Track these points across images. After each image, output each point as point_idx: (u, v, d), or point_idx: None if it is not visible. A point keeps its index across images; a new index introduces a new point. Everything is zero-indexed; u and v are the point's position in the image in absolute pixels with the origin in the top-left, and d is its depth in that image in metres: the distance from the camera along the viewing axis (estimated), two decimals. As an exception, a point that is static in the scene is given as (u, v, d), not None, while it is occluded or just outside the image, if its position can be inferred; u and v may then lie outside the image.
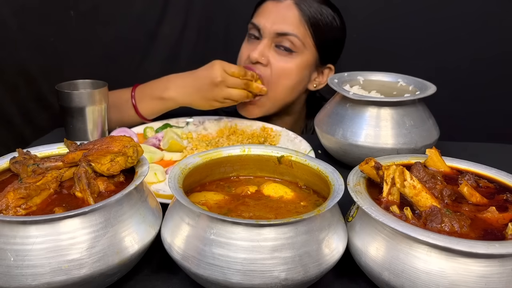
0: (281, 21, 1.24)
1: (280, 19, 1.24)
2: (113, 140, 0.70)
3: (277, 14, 1.24)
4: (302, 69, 1.28)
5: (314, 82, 1.35)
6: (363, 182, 0.69)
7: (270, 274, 0.56)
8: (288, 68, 1.26)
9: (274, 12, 1.25)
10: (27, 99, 1.36)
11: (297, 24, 1.24)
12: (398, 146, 0.96)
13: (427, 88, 1.02)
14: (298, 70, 1.27)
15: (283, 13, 1.24)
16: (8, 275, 0.54)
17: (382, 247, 0.60)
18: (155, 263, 0.70)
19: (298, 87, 1.32)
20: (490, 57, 1.64)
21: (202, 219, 0.58)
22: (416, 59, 1.63)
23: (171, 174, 0.66)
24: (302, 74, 1.29)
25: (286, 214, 0.66)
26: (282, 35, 1.23)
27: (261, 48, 1.24)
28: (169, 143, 1.08)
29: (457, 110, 1.66)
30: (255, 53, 1.24)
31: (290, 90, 1.29)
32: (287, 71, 1.26)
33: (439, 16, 1.62)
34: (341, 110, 1.02)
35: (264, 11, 1.27)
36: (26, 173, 0.65)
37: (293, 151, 0.77)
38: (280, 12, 1.24)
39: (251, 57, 1.24)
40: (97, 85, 1.12)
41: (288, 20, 1.23)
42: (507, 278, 0.54)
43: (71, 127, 1.08)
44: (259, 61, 1.24)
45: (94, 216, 0.58)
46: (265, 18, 1.25)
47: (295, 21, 1.24)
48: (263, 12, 1.27)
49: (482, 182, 0.72)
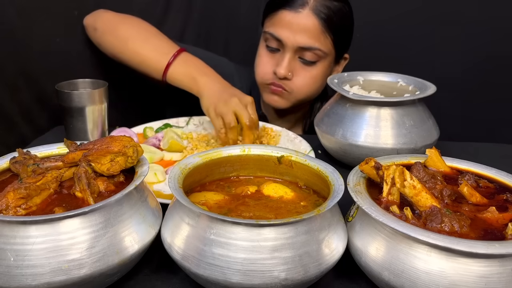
0: (303, 33, 1.21)
1: (301, 31, 1.21)
2: (113, 140, 0.70)
3: (298, 26, 1.21)
4: (326, 72, 1.31)
5: (333, 73, 1.37)
6: (363, 182, 0.69)
7: (270, 274, 0.56)
8: (313, 76, 1.29)
9: (295, 23, 1.21)
10: (27, 99, 1.36)
11: (318, 35, 1.22)
12: (398, 146, 0.96)
13: (427, 88, 1.02)
14: (322, 75, 1.30)
15: (304, 25, 1.21)
16: (8, 275, 0.54)
17: (382, 247, 0.60)
18: (155, 263, 0.70)
19: (322, 86, 1.36)
20: (490, 57, 1.64)
21: (202, 219, 0.58)
22: (416, 59, 1.63)
23: (171, 174, 0.66)
24: (325, 76, 1.32)
25: (286, 214, 0.66)
26: (305, 49, 1.23)
27: (286, 63, 1.24)
28: (169, 143, 1.08)
29: (457, 110, 1.67)
30: (281, 70, 1.24)
31: (315, 91, 1.35)
32: (312, 80, 1.29)
33: (439, 16, 1.62)
34: (341, 110, 1.02)
35: (282, 21, 1.23)
36: (26, 173, 0.65)
37: (293, 151, 0.77)
38: (301, 24, 1.21)
39: (279, 73, 1.25)
40: (97, 85, 1.12)
41: (310, 33, 1.21)
42: (507, 278, 0.54)
43: (71, 127, 1.08)
44: (287, 77, 1.26)
45: (94, 216, 0.58)
46: (286, 30, 1.22)
47: (317, 32, 1.22)
48: (281, 23, 1.23)
49: (482, 182, 0.72)
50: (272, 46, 1.27)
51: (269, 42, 1.28)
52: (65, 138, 0.84)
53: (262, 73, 1.32)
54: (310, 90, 1.31)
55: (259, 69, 1.33)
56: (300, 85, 1.29)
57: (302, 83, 1.28)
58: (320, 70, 1.29)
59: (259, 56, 1.33)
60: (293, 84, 1.28)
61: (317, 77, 1.29)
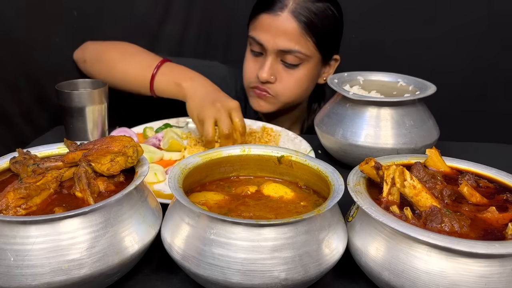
0: (282, 36, 1.21)
1: (280, 34, 1.21)
2: (113, 140, 0.70)
3: (277, 29, 1.21)
4: (311, 74, 1.30)
5: (323, 76, 1.37)
6: (363, 182, 0.69)
7: (270, 274, 0.56)
8: (297, 79, 1.28)
9: (274, 27, 1.21)
10: (27, 99, 1.36)
11: (298, 38, 1.22)
12: (398, 146, 0.96)
13: (427, 88, 1.02)
14: (307, 77, 1.29)
15: (283, 28, 1.21)
16: (8, 275, 0.54)
17: (382, 247, 0.60)
18: (155, 263, 0.70)
19: (310, 88, 1.35)
20: (490, 57, 1.64)
21: (202, 219, 0.58)
22: (416, 59, 1.63)
23: (171, 174, 0.66)
24: (311, 77, 1.31)
25: (286, 214, 0.66)
26: (286, 52, 1.23)
27: (268, 67, 1.24)
28: (169, 143, 1.08)
29: (457, 110, 1.67)
30: (263, 74, 1.24)
31: (302, 94, 1.34)
32: (297, 82, 1.28)
33: (439, 16, 1.62)
34: (341, 110, 1.02)
35: (262, 25, 1.24)
36: (26, 173, 0.65)
37: (293, 151, 0.77)
38: (280, 27, 1.21)
39: (261, 77, 1.25)
40: (97, 84, 1.12)
41: (289, 36, 1.21)
42: (507, 278, 0.54)
43: (71, 127, 1.08)
44: (269, 80, 1.26)
45: (94, 216, 0.58)
46: (266, 34, 1.23)
47: (296, 35, 1.21)
48: (262, 27, 1.24)
49: (482, 182, 0.72)
50: (256, 50, 1.28)
51: (253, 46, 1.28)
52: (65, 138, 0.84)
53: (247, 77, 1.32)
54: (295, 93, 1.30)
55: (244, 74, 1.33)
56: (283, 89, 1.28)
57: (286, 86, 1.28)
58: (303, 73, 1.28)
59: (245, 60, 1.33)
60: (277, 88, 1.28)
61: (301, 80, 1.28)
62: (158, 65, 1.21)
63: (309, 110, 1.46)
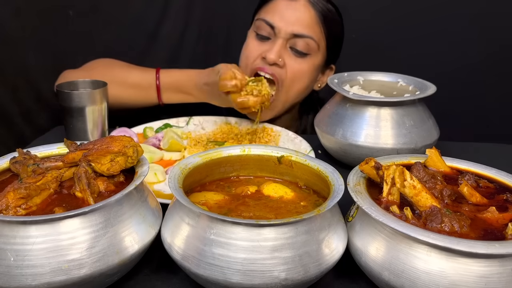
0: (298, 21, 1.20)
1: (296, 19, 1.20)
2: (113, 140, 0.70)
3: (293, 13, 1.20)
4: (314, 71, 1.28)
5: (318, 83, 1.35)
6: (363, 182, 0.69)
7: (270, 274, 0.56)
8: (303, 70, 1.25)
9: (290, 11, 1.20)
10: (27, 99, 1.37)
11: (313, 26, 1.21)
12: (398, 146, 0.96)
13: (427, 88, 1.02)
14: (311, 73, 1.27)
15: (300, 13, 1.20)
16: (8, 275, 0.54)
17: (382, 247, 0.60)
18: (155, 263, 0.70)
19: (309, 89, 1.32)
20: (490, 57, 1.64)
21: (202, 219, 0.58)
22: (416, 59, 1.63)
23: (171, 174, 0.66)
24: (313, 76, 1.29)
25: (286, 214, 0.66)
26: (299, 37, 1.20)
27: (277, 49, 1.20)
28: (169, 143, 1.08)
29: (457, 110, 1.67)
30: (272, 54, 1.19)
31: (302, 93, 1.30)
32: (302, 74, 1.25)
33: (439, 16, 1.62)
34: (341, 110, 1.02)
35: (277, 9, 1.22)
36: (26, 173, 0.65)
37: (293, 151, 0.77)
38: (296, 12, 1.20)
39: (268, 58, 1.20)
40: (97, 85, 1.12)
41: (305, 21, 1.20)
42: (507, 278, 0.54)
43: (71, 127, 1.08)
44: (277, 62, 1.21)
45: (94, 216, 0.58)
46: (280, 17, 1.21)
47: (312, 22, 1.21)
48: (276, 10, 1.22)
49: (482, 182, 0.72)
50: (263, 34, 1.24)
51: (260, 29, 1.24)
52: (65, 138, 0.84)
53: (245, 58, 1.26)
54: (299, 85, 1.26)
55: (244, 55, 1.28)
56: (291, 76, 1.23)
57: (293, 74, 1.23)
58: (309, 65, 1.24)
59: (246, 44, 1.29)
60: (284, 74, 1.22)
61: (306, 73, 1.25)
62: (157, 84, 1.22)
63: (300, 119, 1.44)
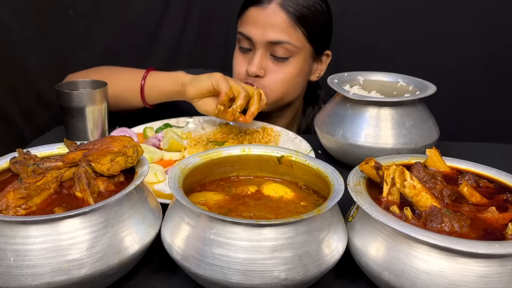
0: (271, 28, 1.20)
1: (269, 26, 1.20)
2: (113, 140, 0.70)
3: (265, 21, 1.20)
4: (301, 69, 1.28)
5: (315, 73, 1.35)
6: (363, 182, 0.69)
7: (270, 274, 0.56)
8: (287, 73, 1.25)
9: (262, 19, 1.21)
10: (27, 99, 1.37)
11: (287, 29, 1.21)
12: (398, 146, 0.96)
13: (427, 88, 1.02)
14: (297, 72, 1.27)
15: (271, 19, 1.20)
16: (8, 275, 0.54)
17: (382, 247, 0.60)
18: (155, 263, 0.70)
19: (300, 85, 1.32)
20: (490, 57, 1.64)
21: (202, 219, 0.58)
22: (416, 59, 1.63)
23: (171, 174, 0.66)
24: (302, 73, 1.29)
25: (286, 214, 0.66)
26: (275, 44, 1.21)
27: (257, 61, 1.22)
28: (169, 143, 1.08)
29: (457, 110, 1.67)
30: (253, 67, 1.22)
31: (292, 90, 1.30)
32: (287, 77, 1.26)
33: (439, 16, 1.62)
34: (341, 110, 1.02)
35: (250, 19, 1.23)
36: (26, 173, 0.65)
37: (293, 151, 0.77)
38: (268, 18, 1.20)
39: (250, 71, 1.23)
40: (97, 85, 1.12)
41: (277, 27, 1.20)
42: (507, 278, 0.54)
43: (71, 127, 1.08)
44: (258, 74, 1.23)
45: (94, 216, 0.58)
46: (254, 27, 1.22)
47: (285, 26, 1.20)
48: (250, 20, 1.23)
49: (482, 182, 0.72)
50: (244, 47, 1.26)
51: (241, 42, 1.27)
52: (65, 138, 0.84)
53: (236, 75, 1.30)
54: (284, 87, 1.27)
55: (234, 71, 1.31)
56: (273, 82, 1.24)
57: (275, 80, 1.24)
58: (293, 66, 1.25)
59: (234, 58, 1.32)
60: (266, 82, 1.24)
61: (291, 74, 1.26)
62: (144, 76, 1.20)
63: (304, 113, 1.45)
